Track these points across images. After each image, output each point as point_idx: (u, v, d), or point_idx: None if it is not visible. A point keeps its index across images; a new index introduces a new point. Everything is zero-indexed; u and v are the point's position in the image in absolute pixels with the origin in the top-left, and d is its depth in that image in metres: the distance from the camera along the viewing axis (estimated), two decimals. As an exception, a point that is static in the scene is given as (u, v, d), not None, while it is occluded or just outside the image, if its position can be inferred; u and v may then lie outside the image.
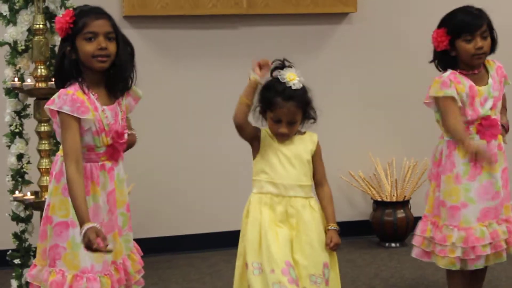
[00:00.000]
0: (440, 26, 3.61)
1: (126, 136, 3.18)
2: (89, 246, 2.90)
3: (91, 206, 3.07)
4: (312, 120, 3.28)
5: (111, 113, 3.11)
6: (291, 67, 3.22)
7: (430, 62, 3.69)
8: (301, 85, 3.21)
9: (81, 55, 3.07)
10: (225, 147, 5.15)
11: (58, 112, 3.03)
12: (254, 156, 3.29)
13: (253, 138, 3.28)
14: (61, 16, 3.12)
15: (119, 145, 3.15)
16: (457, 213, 3.58)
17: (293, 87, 3.19)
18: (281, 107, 3.18)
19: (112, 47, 3.08)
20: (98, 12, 3.11)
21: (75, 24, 3.07)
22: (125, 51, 3.15)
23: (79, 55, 3.07)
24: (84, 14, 3.08)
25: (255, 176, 3.27)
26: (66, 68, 3.08)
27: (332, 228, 3.29)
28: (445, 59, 3.62)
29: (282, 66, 3.24)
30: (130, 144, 3.28)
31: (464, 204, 3.58)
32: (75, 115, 3.01)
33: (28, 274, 3.19)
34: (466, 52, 3.56)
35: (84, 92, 3.06)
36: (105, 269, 3.11)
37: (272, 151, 3.24)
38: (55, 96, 3.06)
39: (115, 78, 3.13)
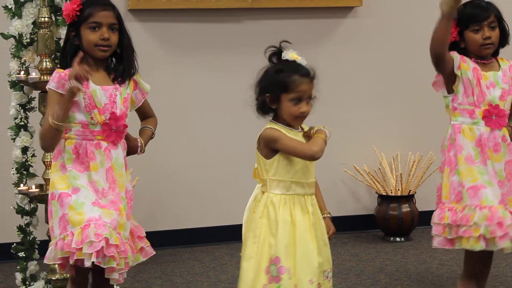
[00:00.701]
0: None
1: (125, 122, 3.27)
2: (78, 77, 3.06)
3: (90, 181, 3.18)
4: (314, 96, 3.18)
5: (105, 93, 3.24)
6: (289, 48, 3.15)
7: None
8: (306, 62, 3.16)
9: (84, 42, 3.25)
10: (230, 140, 5.14)
11: (48, 89, 3.21)
12: (270, 156, 3.14)
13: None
14: (69, 1, 3.28)
15: (115, 126, 3.24)
16: (478, 193, 3.53)
17: (303, 64, 3.13)
18: (301, 84, 3.08)
19: (114, 38, 3.27)
20: (105, 3, 3.29)
21: (81, 12, 3.24)
22: (128, 41, 3.32)
23: (82, 41, 3.26)
24: (91, 3, 3.26)
25: (274, 176, 3.12)
26: (68, 52, 3.26)
27: (328, 216, 3.25)
28: (455, 50, 3.64)
29: (279, 50, 3.15)
30: (130, 149, 3.34)
31: (482, 185, 3.55)
32: (60, 91, 3.17)
33: (45, 258, 3.21)
34: (474, 42, 3.60)
35: None
36: (114, 223, 3.14)
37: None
38: None
39: (118, 67, 3.30)
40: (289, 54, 3.14)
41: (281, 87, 3.10)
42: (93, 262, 3.06)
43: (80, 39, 3.25)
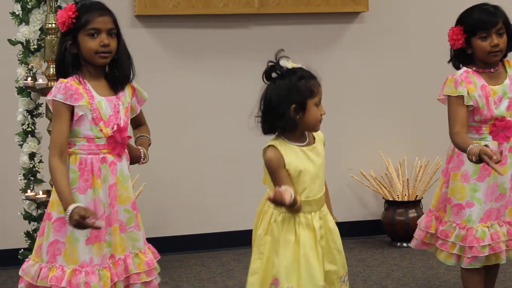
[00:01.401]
0: (456, 24, 3.61)
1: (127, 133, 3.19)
2: (79, 225, 2.95)
3: (92, 199, 3.10)
4: None
5: (110, 104, 3.13)
6: (282, 59, 3.05)
7: (448, 62, 3.67)
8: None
9: (84, 50, 3.11)
10: (237, 147, 5.15)
11: (53, 101, 3.09)
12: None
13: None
14: (63, 9, 3.14)
15: (120, 139, 3.14)
16: (461, 212, 3.59)
17: (306, 68, 3.08)
18: (319, 86, 3.04)
19: (113, 43, 3.13)
20: (101, 8, 3.14)
21: (77, 19, 3.09)
22: (123, 46, 3.19)
23: (80, 50, 3.11)
24: (87, 9, 3.11)
25: None
26: (67, 62, 3.13)
27: (336, 221, 3.24)
28: (461, 57, 3.62)
29: (276, 63, 3.06)
30: (133, 158, 3.25)
31: (469, 203, 3.58)
32: (68, 102, 3.07)
33: (21, 269, 3.18)
34: (481, 50, 3.55)
35: (80, 82, 3.11)
36: (104, 262, 3.13)
37: (299, 163, 3.04)
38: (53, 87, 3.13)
39: (115, 72, 3.17)
40: (290, 64, 3.07)
41: (308, 93, 3.02)
42: None
43: (78, 47, 3.11)
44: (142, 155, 3.27)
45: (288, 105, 3.01)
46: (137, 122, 3.35)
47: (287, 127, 3.04)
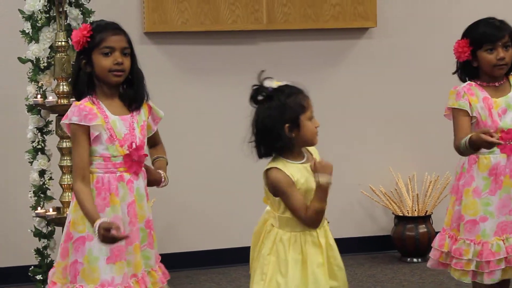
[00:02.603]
0: (462, 36, 3.61)
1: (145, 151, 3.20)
2: (106, 239, 2.96)
3: (111, 217, 3.09)
4: None
5: (125, 123, 3.15)
6: (264, 79, 3.08)
7: (453, 73, 3.68)
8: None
9: (97, 69, 3.14)
10: (246, 163, 5.14)
11: (69, 125, 3.11)
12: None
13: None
14: (77, 29, 3.18)
15: (137, 157, 3.15)
16: (475, 227, 3.56)
17: (290, 84, 3.06)
18: (308, 99, 3.01)
19: (127, 62, 3.15)
20: (115, 28, 3.18)
21: (92, 38, 3.13)
22: (137, 65, 3.21)
23: (94, 68, 3.14)
24: (102, 29, 3.15)
25: (283, 214, 3.03)
26: (82, 81, 3.15)
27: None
28: (467, 69, 3.62)
29: (260, 85, 3.08)
30: (153, 182, 3.27)
31: (483, 218, 3.56)
32: (83, 123, 3.08)
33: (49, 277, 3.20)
34: (487, 63, 3.55)
35: (93, 103, 3.13)
36: (125, 281, 3.12)
37: (303, 187, 3.01)
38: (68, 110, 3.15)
39: (130, 92, 3.19)
40: (275, 83, 3.05)
41: (299, 109, 3.00)
42: None
43: (92, 66, 3.13)
44: (163, 178, 3.30)
45: (281, 125, 2.99)
46: (153, 141, 3.36)
47: (284, 147, 3.01)
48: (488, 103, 3.55)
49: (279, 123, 2.99)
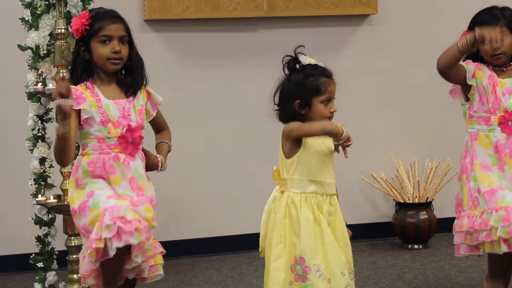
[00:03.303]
0: (468, 27, 3.64)
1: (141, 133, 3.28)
2: (61, 94, 3.02)
3: (112, 193, 3.16)
4: None
5: (118, 106, 3.23)
6: (301, 54, 3.23)
7: (463, 60, 3.68)
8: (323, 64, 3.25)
9: (95, 56, 3.23)
10: (246, 149, 5.15)
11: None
12: (291, 154, 3.17)
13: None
14: (77, 17, 3.26)
15: (131, 138, 3.23)
16: (494, 196, 3.51)
17: (323, 65, 3.22)
18: (330, 85, 3.17)
19: (125, 50, 3.25)
20: (114, 16, 3.26)
21: (91, 26, 3.22)
22: (136, 53, 3.29)
23: (93, 56, 3.24)
24: (100, 17, 3.23)
25: (293, 175, 3.17)
26: (79, 68, 3.26)
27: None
28: (474, 59, 3.65)
29: (294, 58, 3.22)
30: (151, 166, 3.35)
31: (499, 187, 3.53)
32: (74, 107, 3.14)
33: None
34: (485, 53, 3.59)
35: (87, 87, 3.22)
36: (130, 205, 3.13)
37: (315, 147, 3.17)
38: None
39: (128, 78, 3.28)
40: (307, 59, 3.21)
41: (313, 91, 3.16)
42: (117, 248, 3.03)
43: (90, 54, 3.23)
44: (160, 163, 3.37)
45: (292, 100, 3.16)
46: (158, 126, 3.46)
47: (286, 118, 3.17)
48: (493, 81, 3.58)
49: (291, 98, 3.17)
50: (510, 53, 3.60)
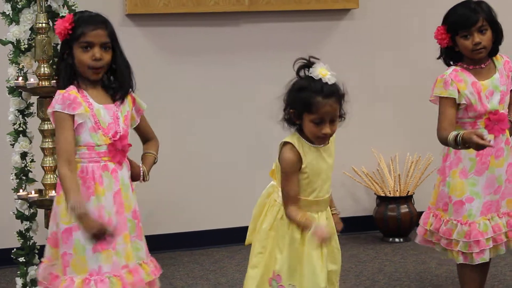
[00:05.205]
0: (442, 23, 3.62)
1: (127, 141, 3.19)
2: (79, 218, 2.95)
3: (96, 206, 3.08)
4: (342, 118, 3.11)
5: (109, 112, 3.15)
6: (318, 63, 3.06)
7: (438, 58, 3.69)
8: (335, 79, 3.05)
9: (77, 62, 3.15)
10: (229, 144, 5.15)
11: (53, 113, 3.10)
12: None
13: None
14: (62, 18, 3.20)
15: (121, 146, 3.15)
16: (461, 208, 3.60)
17: (330, 83, 3.02)
18: (323, 106, 2.98)
19: (107, 57, 3.14)
20: (97, 21, 3.16)
21: (73, 30, 3.14)
22: (121, 58, 3.19)
23: (74, 61, 3.15)
24: (83, 21, 3.15)
25: None
26: (63, 71, 3.16)
27: (336, 213, 3.27)
28: (451, 54, 3.64)
29: (308, 63, 3.06)
30: (133, 175, 3.26)
31: (469, 198, 3.59)
32: (66, 112, 3.07)
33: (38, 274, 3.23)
34: (465, 48, 3.56)
35: (78, 91, 3.12)
36: (114, 270, 3.11)
37: (315, 163, 3.09)
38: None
39: (115, 82, 3.19)
40: (317, 71, 3.03)
41: (303, 106, 3.01)
42: None
43: (72, 58, 3.15)
44: (142, 173, 3.28)
45: (288, 106, 3.06)
46: (145, 135, 3.36)
47: (290, 126, 3.07)
48: (477, 87, 3.56)
49: (288, 104, 3.06)
50: (490, 47, 3.59)
